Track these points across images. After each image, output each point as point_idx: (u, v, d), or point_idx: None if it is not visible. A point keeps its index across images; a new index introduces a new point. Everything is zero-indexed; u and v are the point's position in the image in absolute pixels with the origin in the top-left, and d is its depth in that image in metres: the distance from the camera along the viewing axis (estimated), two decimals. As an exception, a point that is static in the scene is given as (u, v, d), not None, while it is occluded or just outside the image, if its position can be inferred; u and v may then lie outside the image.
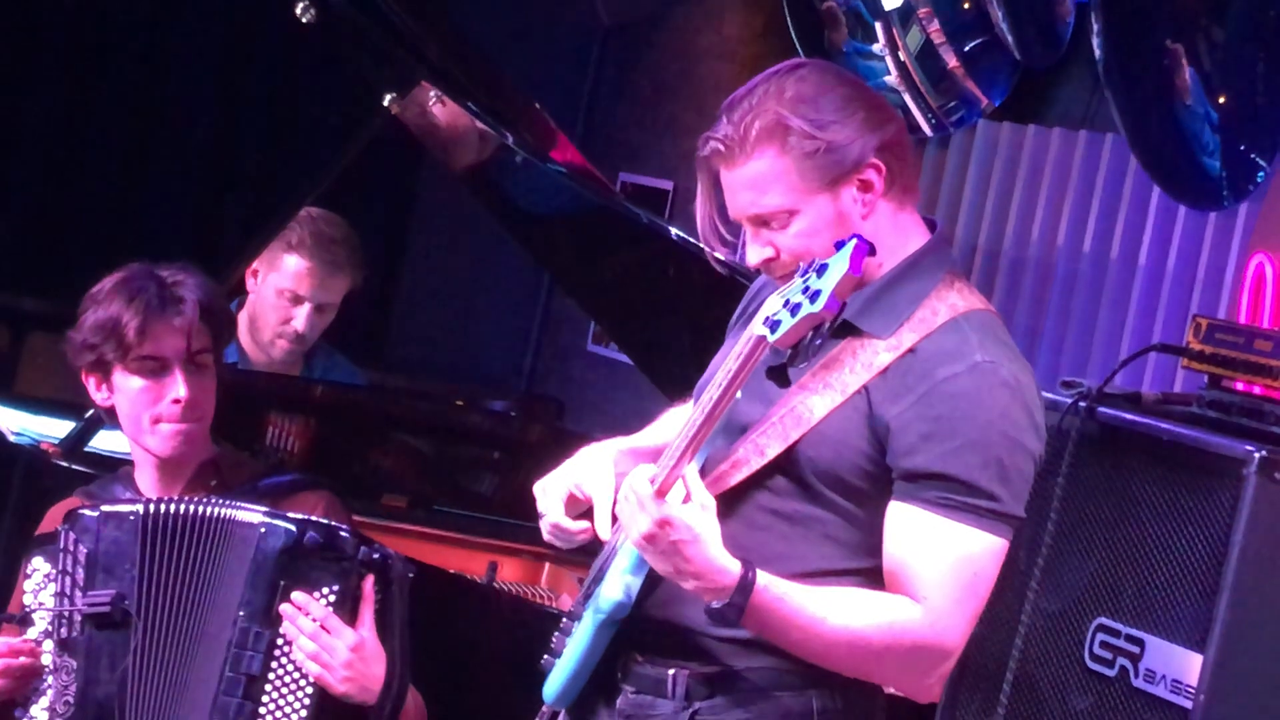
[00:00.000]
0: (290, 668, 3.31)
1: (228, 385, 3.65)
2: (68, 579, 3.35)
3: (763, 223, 2.80)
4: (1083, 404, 3.23)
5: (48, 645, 3.36)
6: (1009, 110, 5.58)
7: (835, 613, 2.71)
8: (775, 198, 2.77)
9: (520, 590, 4.26)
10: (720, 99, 2.85)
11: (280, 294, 4.69)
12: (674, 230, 4.38)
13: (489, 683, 3.76)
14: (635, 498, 2.68)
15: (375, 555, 3.34)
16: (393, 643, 3.34)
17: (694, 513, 2.67)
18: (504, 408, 5.24)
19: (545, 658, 2.92)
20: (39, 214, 6.92)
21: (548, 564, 4.36)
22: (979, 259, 5.60)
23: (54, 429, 4.32)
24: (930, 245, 2.85)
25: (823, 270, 2.58)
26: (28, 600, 3.39)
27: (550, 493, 2.95)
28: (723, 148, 2.78)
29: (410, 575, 3.38)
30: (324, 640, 3.29)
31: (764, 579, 2.69)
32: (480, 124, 4.42)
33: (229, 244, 6.50)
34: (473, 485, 4.87)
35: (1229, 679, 2.98)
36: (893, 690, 2.93)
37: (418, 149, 5.41)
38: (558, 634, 2.92)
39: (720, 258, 4.26)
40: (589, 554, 3.02)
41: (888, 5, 5.71)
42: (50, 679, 3.35)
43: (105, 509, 3.38)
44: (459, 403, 5.20)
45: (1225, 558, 2.99)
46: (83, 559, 3.34)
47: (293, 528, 3.32)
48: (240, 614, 3.30)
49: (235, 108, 7.16)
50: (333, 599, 3.31)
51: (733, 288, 3.11)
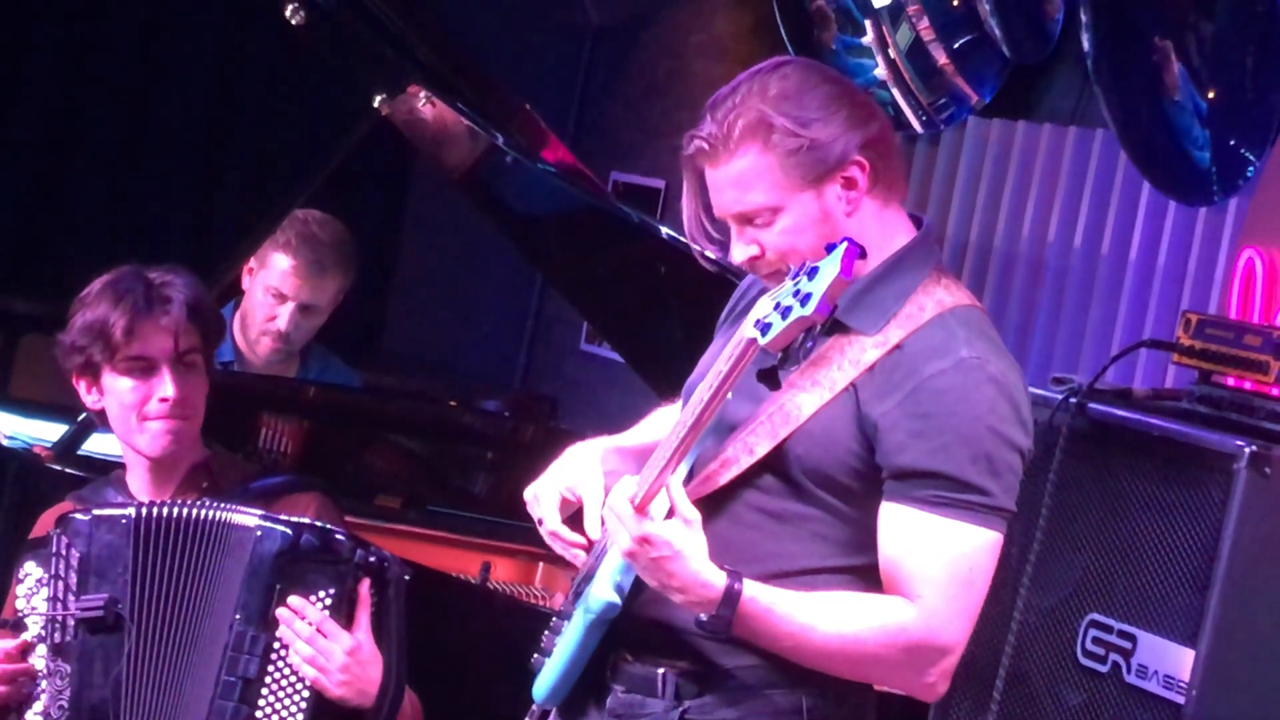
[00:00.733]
0: (286, 671, 3.30)
1: (220, 387, 3.65)
2: (60, 583, 3.34)
3: (747, 221, 2.80)
4: (1074, 400, 3.23)
5: (41, 650, 3.35)
6: (999, 107, 5.59)
7: (825, 619, 2.71)
8: (759, 195, 2.76)
9: (514, 590, 4.26)
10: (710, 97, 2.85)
11: (267, 291, 4.70)
12: (665, 229, 4.38)
13: (483, 683, 3.76)
14: (615, 515, 2.68)
15: (371, 558, 3.34)
16: (389, 646, 3.34)
17: (675, 529, 2.67)
18: (497, 407, 5.23)
19: (535, 657, 2.92)
20: (32, 216, 6.91)
21: (541, 564, 4.37)
22: (970, 255, 5.60)
23: (47, 432, 4.31)
24: (916, 241, 2.85)
25: (813, 273, 2.57)
26: (20, 605, 3.39)
27: (544, 499, 2.95)
28: (706, 146, 2.78)
29: (407, 578, 3.37)
30: (320, 644, 3.28)
31: (750, 589, 2.69)
32: (470, 124, 4.42)
33: (221, 245, 6.49)
34: (466, 485, 4.86)
35: (1220, 674, 2.99)
36: (895, 691, 2.92)
37: (410, 149, 5.40)
38: (548, 633, 2.92)
39: (711, 256, 4.29)
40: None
41: (877, 3, 5.71)
42: (44, 684, 3.34)
43: (97, 513, 3.38)
44: (452, 402, 5.19)
45: (1216, 553, 2.99)
46: (75, 563, 3.34)
47: (289, 531, 3.31)
48: (236, 617, 3.30)
49: (226, 109, 7.16)
50: (329, 602, 3.31)
51: (724, 286, 3.10)
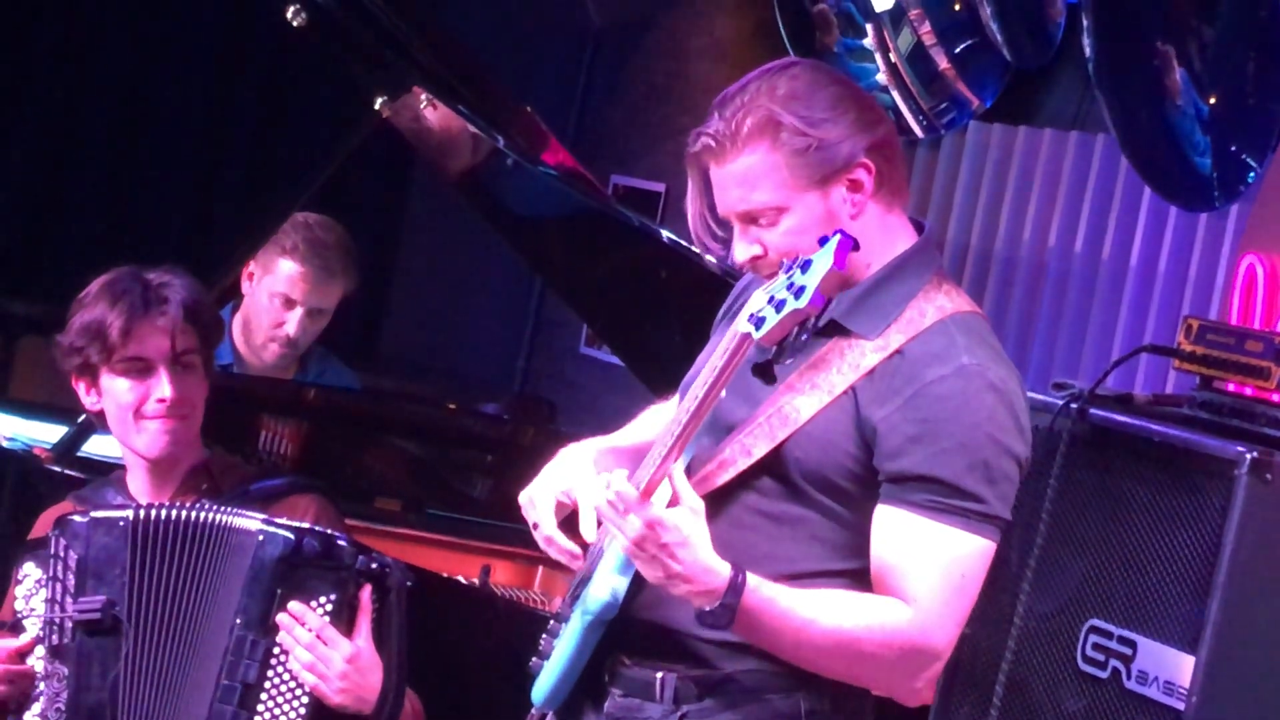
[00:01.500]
0: (286, 677, 3.30)
1: (220, 389, 3.65)
2: (58, 585, 3.34)
3: (751, 220, 2.79)
4: (1074, 405, 3.23)
5: (39, 651, 3.36)
6: (1000, 111, 5.59)
7: (826, 614, 2.71)
8: (765, 194, 2.76)
9: (514, 594, 4.26)
10: (712, 101, 2.84)
11: (273, 297, 4.69)
12: (665, 232, 4.39)
13: (482, 686, 3.76)
14: (621, 503, 2.67)
15: (373, 565, 3.33)
16: (390, 653, 3.33)
17: (683, 515, 2.66)
18: (496, 410, 5.23)
19: (533, 660, 2.92)
20: (31, 218, 6.92)
21: (541, 567, 4.36)
22: (970, 260, 5.60)
23: (46, 433, 4.31)
24: (918, 246, 2.85)
25: (806, 266, 2.57)
26: (19, 606, 3.39)
27: (539, 503, 2.94)
28: (713, 143, 2.78)
29: (409, 584, 3.37)
30: (320, 651, 3.28)
31: (754, 581, 2.68)
32: (471, 127, 4.42)
33: (221, 248, 6.49)
34: (465, 488, 4.86)
35: (1221, 680, 2.98)
36: (879, 693, 2.92)
37: (410, 152, 5.40)
38: (545, 636, 2.92)
39: (712, 259, 4.29)
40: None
41: (879, 7, 5.72)
42: (42, 685, 3.35)
43: (95, 515, 3.37)
44: (451, 405, 5.19)
45: (1217, 559, 2.98)
46: (73, 565, 3.34)
47: (291, 536, 3.31)
48: (237, 621, 3.29)
49: (227, 111, 7.16)
50: (330, 608, 3.30)
51: (724, 289, 3.10)
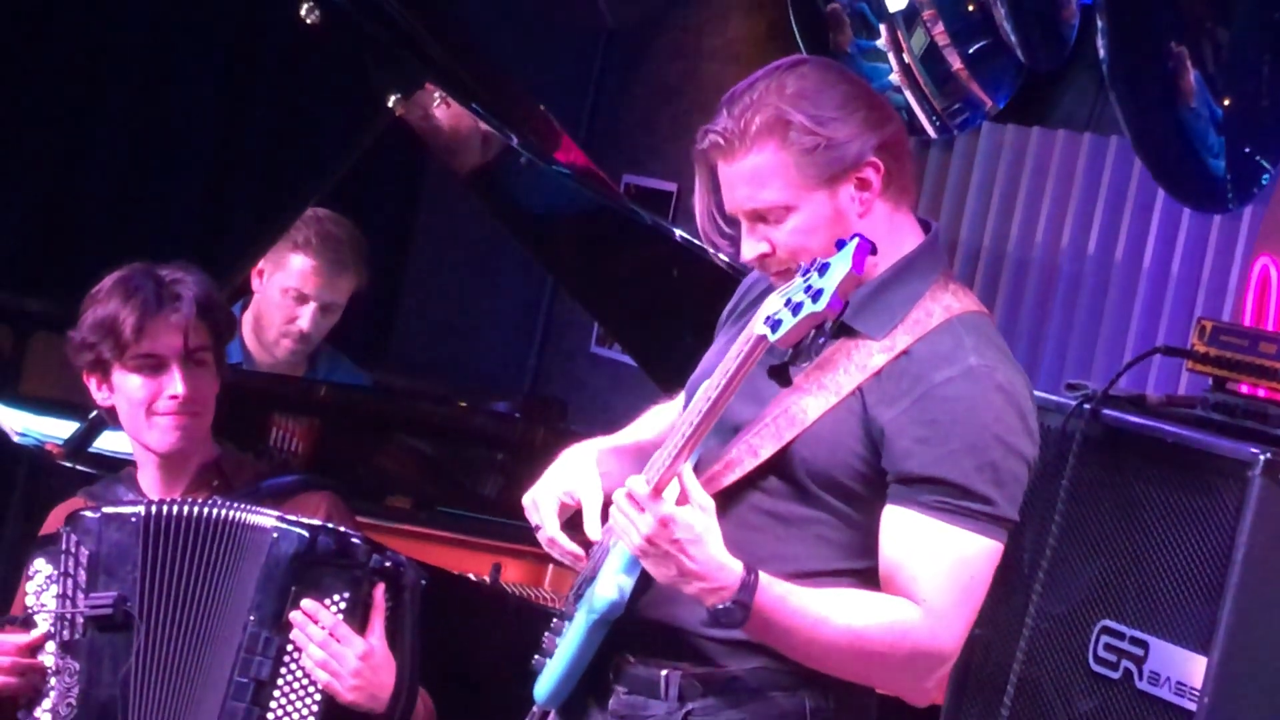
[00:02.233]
0: (299, 674, 3.30)
1: (231, 386, 3.65)
2: (69, 581, 3.34)
3: (759, 218, 2.79)
4: (1087, 406, 3.22)
5: (50, 647, 3.36)
6: (1013, 112, 5.59)
7: (837, 613, 2.70)
8: (773, 193, 2.76)
9: (524, 592, 4.26)
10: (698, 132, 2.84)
11: (285, 293, 4.69)
12: (678, 232, 4.39)
13: (492, 683, 3.75)
14: (632, 501, 2.67)
15: (387, 563, 3.33)
16: (403, 651, 3.34)
17: (694, 512, 2.66)
18: (507, 409, 5.23)
19: (536, 658, 2.92)
20: (44, 214, 6.92)
21: (551, 565, 4.36)
22: (983, 261, 5.60)
23: (58, 429, 4.32)
24: (925, 246, 2.85)
25: (825, 269, 2.57)
26: (30, 602, 3.39)
27: (542, 506, 2.94)
28: (722, 141, 2.78)
29: (423, 583, 3.37)
30: (333, 649, 3.28)
31: (765, 579, 2.68)
32: (484, 125, 4.42)
33: (233, 244, 6.50)
34: (476, 486, 4.86)
35: (1233, 681, 2.98)
36: (888, 693, 2.92)
37: (423, 150, 5.40)
38: (549, 634, 2.92)
39: (724, 258, 4.29)
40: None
41: (892, 7, 5.71)
42: (53, 681, 3.35)
43: (106, 511, 3.38)
44: (462, 404, 5.19)
45: (1229, 560, 2.98)
46: (84, 561, 3.34)
47: (305, 533, 3.31)
48: (250, 618, 3.29)
49: (240, 109, 7.16)
50: (343, 606, 3.30)
51: (736, 288, 3.10)
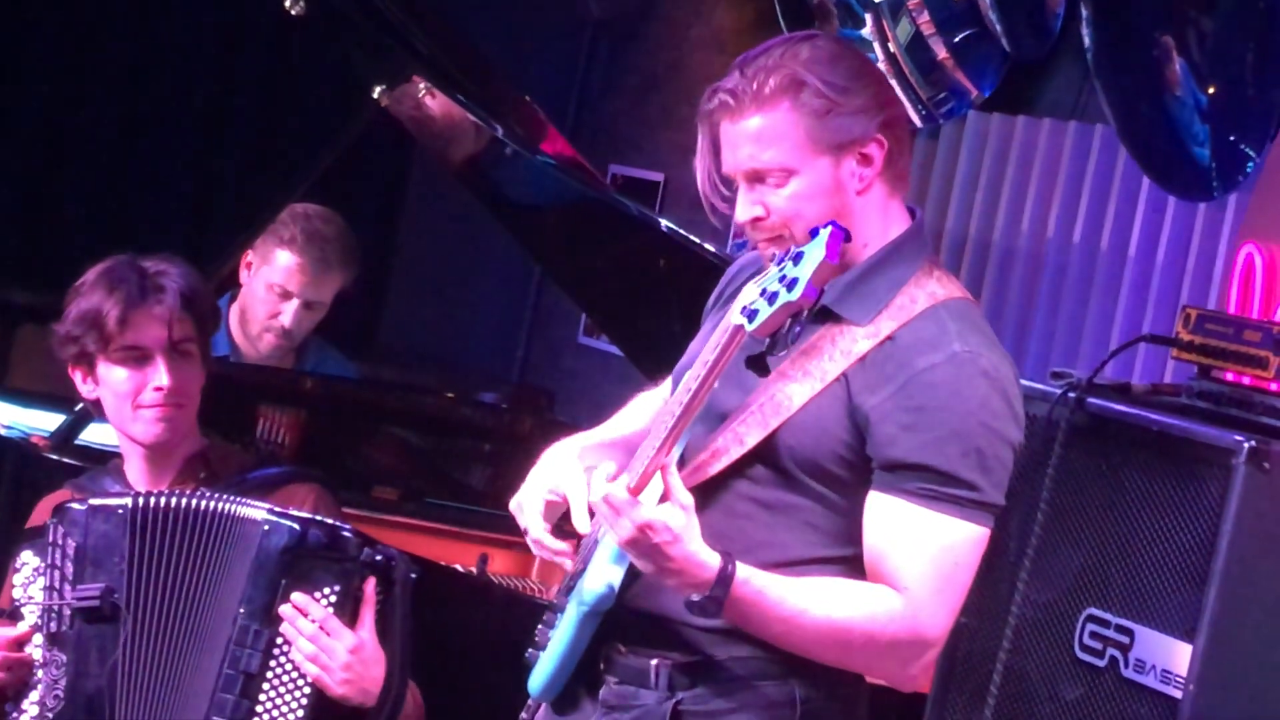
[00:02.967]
0: (289, 667, 3.30)
1: (218, 377, 3.65)
2: (56, 573, 3.34)
3: (758, 179, 2.78)
4: (1072, 395, 3.23)
5: (37, 639, 3.35)
6: (999, 101, 5.58)
7: (817, 604, 2.71)
8: (777, 153, 2.76)
9: (511, 582, 4.26)
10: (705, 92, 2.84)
11: (270, 288, 4.68)
12: (664, 222, 4.39)
13: (480, 674, 3.76)
14: (611, 505, 2.67)
15: (378, 557, 3.33)
16: (393, 645, 3.33)
17: (672, 513, 2.66)
18: (495, 400, 5.23)
19: (529, 650, 2.92)
20: (30, 206, 6.91)
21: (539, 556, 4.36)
22: (969, 250, 5.60)
23: (44, 422, 4.32)
24: (910, 233, 2.85)
25: (799, 258, 2.58)
26: (17, 594, 3.39)
27: (528, 508, 2.93)
28: (732, 100, 2.77)
29: (413, 576, 3.36)
30: (323, 642, 3.28)
31: (744, 571, 2.69)
32: (470, 116, 4.42)
33: (219, 237, 6.49)
34: (464, 477, 4.87)
35: (1218, 668, 2.99)
36: (876, 679, 2.93)
37: (409, 141, 5.40)
38: (541, 626, 2.92)
39: (710, 248, 4.29)
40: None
41: (877, -3, 5.71)
42: (40, 673, 3.35)
43: (93, 502, 3.38)
44: (450, 395, 5.19)
45: (1214, 547, 2.99)
46: (71, 552, 3.34)
47: (296, 526, 3.30)
48: (240, 611, 3.29)
49: (225, 100, 7.15)
50: (333, 600, 3.30)
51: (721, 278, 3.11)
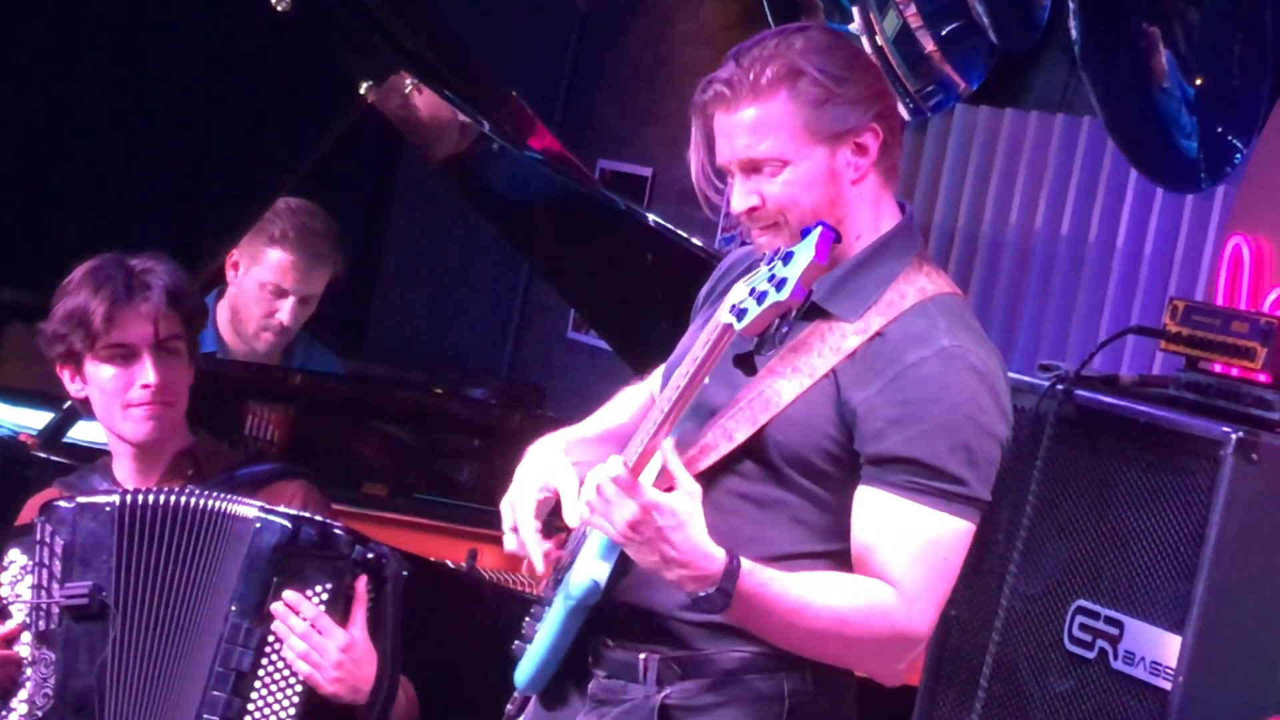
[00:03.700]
0: (280, 665, 3.28)
1: (206, 374, 3.64)
2: (44, 571, 3.33)
3: (754, 169, 2.78)
4: (1060, 386, 3.23)
5: (25, 638, 3.35)
6: (986, 94, 5.59)
7: (818, 597, 2.70)
8: (773, 143, 2.76)
9: (500, 577, 4.26)
10: (697, 85, 2.84)
11: (264, 287, 4.67)
12: (652, 217, 4.39)
13: (469, 668, 3.76)
14: (614, 487, 2.65)
15: (369, 555, 3.31)
16: (384, 642, 3.32)
17: (680, 499, 2.65)
18: (484, 395, 5.23)
19: (516, 643, 2.92)
20: (17, 204, 6.91)
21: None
22: (957, 243, 5.61)
23: (33, 420, 4.31)
24: (900, 228, 2.85)
25: (788, 258, 2.58)
26: (4, 592, 3.38)
27: (519, 506, 2.91)
28: (728, 91, 2.77)
29: (405, 574, 3.35)
30: (314, 640, 3.26)
31: (747, 566, 2.68)
32: (457, 112, 4.42)
33: (208, 233, 6.50)
34: (453, 473, 4.86)
35: (1207, 660, 2.99)
36: (860, 673, 2.92)
37: (397, 137, 5.40)
38: (528, 620, 2.92)
39: (698, 243, 4.29)
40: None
41: (864, -11, 5.71)
42: (29, 672, 3.34)
43: (81, 500, 3.37)
44: (439, 390, 5.19)
45: (1203, 539, 2.99)
46: (59, 551, 3.33)
47: (288, 524, 3.29)
48: (232, 608, 3.28)
49: (213, 97, 7.15)
50: (325, 598, 3.29)
51: (710, 273, 3.10)
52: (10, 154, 6.85)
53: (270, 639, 3.28)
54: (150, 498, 3.34)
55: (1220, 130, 4.69)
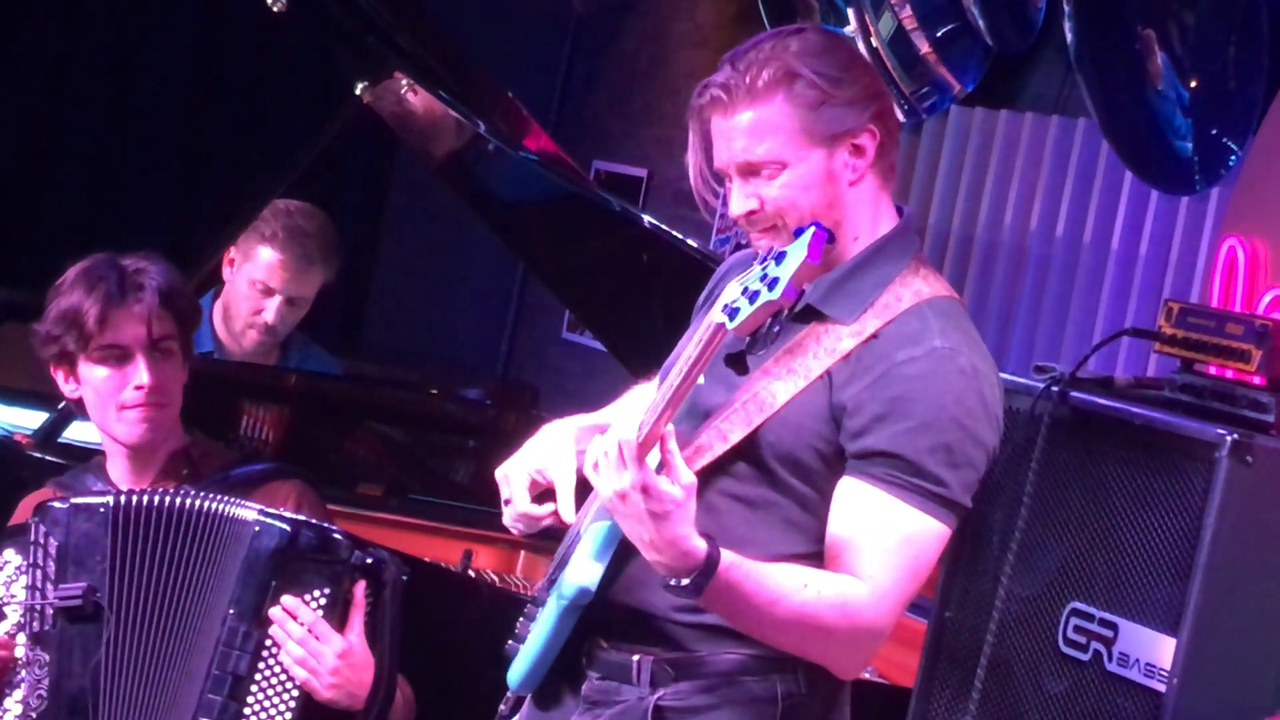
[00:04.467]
0: (277, 670, 3.28)
1: (201, 374, 3.64)
2: (38, 572, 3.33)
3: (752, 172, 2.79)
4: (1055, 388, 3.22)
5: (20, 639, 3.34)
6: (981, 96, 5.59)
7: (791, 591, 2.70)
8: (771, 146, 2.76)
9: (495, 578, 4.26)
10: (694, 86, 2.85)
11: (252, 285, 4.68)
12: (647, 217, 4.39)
13: (464, 670, 3.75)
14: (617, 454, 2.63)
15: (368, 560, 3.31)
16: (382, 648, 3.31)
17: (674, 489, 2.64)
18: (479, 395, 5.23)
19: (509, 643, 2.92)
20: (12, 204, 6.90)
21: (523, 552, 4.37)
22: (952, 245, 5.61)
23: (27, 420, 4.31)
24: (898, 230, 2.86)
25: (781, 258, 2.58)
26: (-1, 592, 3.39)
27: (514, 479, 2.93)
28: (724, 95, 2.77)
29: (404, 578, 3.35)
30: (312, 646, 3.26)
31: (727, 560, 2.67)
32: (453, 113, 4.42)
33: (202, 233, 6.49)
34: (448, 473, 4.86)
35: (1201, 662, 2.99)
36: (821, 664, 2.90)
37: (392, 138, 5.40)
38: (522, 619, 2.91)
39: (693, 244, 4.29)
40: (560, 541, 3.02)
41: (859, -8, 5.71)
42: (23, 673, 3.34)
43: (75, 501, 3.36)
44: (434, 391, 5.19)
45: (1197, 541, 2.98)
46: (53, 551, 3.33)
47: (287, 528, 3.28)
48: (230, 612, 3.27)
49: (208, 97, 7.15)
50: (323, 603, 3.28)
51: (706, 274, 3.10)
52: (4, 154, 6.85)
53: (268, 643, 3.28)
54: (145, 499, 3.34)
55: (1215, 132, 4.69)
